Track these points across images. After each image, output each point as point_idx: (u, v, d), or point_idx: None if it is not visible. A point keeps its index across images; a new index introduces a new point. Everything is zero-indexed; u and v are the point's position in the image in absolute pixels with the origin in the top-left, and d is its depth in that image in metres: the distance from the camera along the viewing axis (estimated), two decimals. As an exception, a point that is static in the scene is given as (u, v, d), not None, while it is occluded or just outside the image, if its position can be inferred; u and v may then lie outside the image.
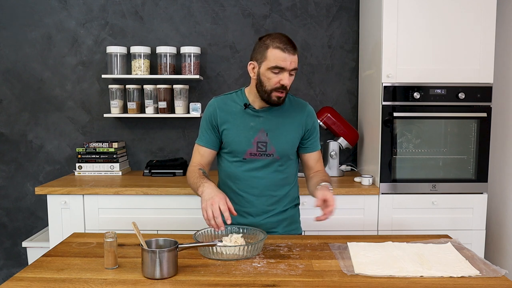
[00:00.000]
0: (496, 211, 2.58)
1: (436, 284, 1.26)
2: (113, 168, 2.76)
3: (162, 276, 1.28)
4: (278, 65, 1.58)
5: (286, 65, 1.58)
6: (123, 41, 2.89)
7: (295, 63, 1.61)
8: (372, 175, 2.46)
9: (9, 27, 2.89)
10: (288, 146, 1.74)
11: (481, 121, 2.37)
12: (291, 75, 1.62)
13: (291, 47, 1.58)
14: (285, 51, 1.57)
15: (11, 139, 2.96)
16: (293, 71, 1.62)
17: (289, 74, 1.61)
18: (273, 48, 1.58)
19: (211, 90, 2.92)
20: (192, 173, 1.71)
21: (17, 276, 1.30)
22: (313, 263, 1.41)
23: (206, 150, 1.76)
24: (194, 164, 1.76)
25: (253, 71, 1.67)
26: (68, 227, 2.35)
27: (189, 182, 1.72)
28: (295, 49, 1.61)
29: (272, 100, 1.64)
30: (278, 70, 1.59)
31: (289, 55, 1.58)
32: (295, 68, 1.62)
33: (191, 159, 1.81)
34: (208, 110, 1.76)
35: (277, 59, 1.58)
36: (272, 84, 1.61)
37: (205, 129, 1.76)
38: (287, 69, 1.59)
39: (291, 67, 1.60)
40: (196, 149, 1.79)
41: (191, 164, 1.78)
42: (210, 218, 1.46)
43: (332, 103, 2.93)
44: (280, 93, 1.63)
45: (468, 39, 2.32)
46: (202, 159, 1.77)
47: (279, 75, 1.60)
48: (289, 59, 1.58)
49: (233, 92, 1.79)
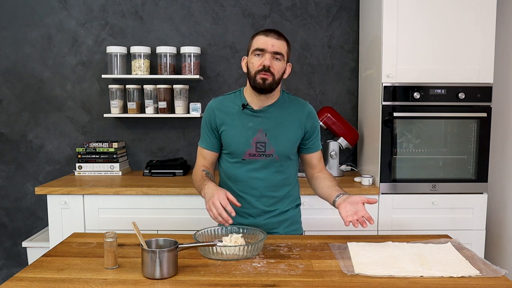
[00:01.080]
0: (496, 211, 2.58)
1: (436, 284, 1.26)
2: (113, 168, 2.76)
3: (162, 276, 1.28)
4: (258, 46, 1.62)
5: (267, 46, 1.61)
6: (123, 41, 2.89)
7: (279, 47, 1.63)
8: (372, 175, 2.46)
9: (9, 27, 2.89)
10: (287, 146, 1.73)
11: (481, 121, 2.37)
12: (276, 59, 1.63)
13: (274, 33, 1.63)
14: (267, 35, 1.63)
15: (11, 139, 2.96)
16: (278, 55, 1.63)
17: (273, 57, 1.63)
18: (257, 35, 1.66)
19: (211, 90, 2.92)
20: (196, 176, 1.73)
21: (17, 276, 1.30)
22: (313, 263, 1.41)
23: (208, 152, 1.78)
24: (198, 166, 1.78)
25: (245, 65, 1.71)
26: (68, 227, 2.35)
27: (195, 186, 1.75)
28: (281, 35, 1.65)
29: (257, 83, 1.63)
30: (259, 52, 1.62)
31: (271, 38, 1.62)
32: (279, 52, 1.63)
33: (196, 162, 1.83)
34: (207, 113, 1.77)
35: (258, 42, 1.63)
36: (256, 66, 1.63)
37: (205, 131, 1.77)
38: (268, 51, 1.61)
39: (272, 50, 1.62)
40: (199, 151, 1.81)
41: (195, 166, 1.80)
42: (216, 216, 1.48)
43: (332, 103, 2.93)
44: (264, 75, 1.62)
45: (468, 39, 2.32)
46: (205, 161, 1.79)
47: (261, 58, 1.63)
48: (270, 42, 1.62)
49: (232, 92, 1.79)
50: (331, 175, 1.80)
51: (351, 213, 1.53)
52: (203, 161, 1.79)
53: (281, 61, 1.65)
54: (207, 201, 1.52)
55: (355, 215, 1.52)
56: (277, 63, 1.64)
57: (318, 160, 1.82)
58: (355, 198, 1.56)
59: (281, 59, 1.65)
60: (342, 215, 1.55)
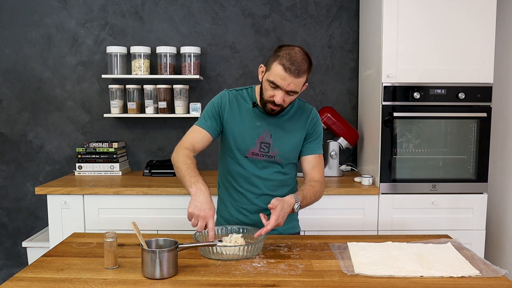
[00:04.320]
0: (496, 211, 2.58)
1: (436, 284, 1.26)
2: (113, 168, 2.76)
3: (162, 276, 1.28)
4: (275, 81, 1.56)
5: (283, 84, 1.55)
6: (123, 41, 2.89)
7: (295, 86, 1.56)
8: (372, 175, 2.46)
9: (9, 27, 2.89)
10: (290, 150, 1.74)
11: (481, 121, 2.37)
12: (289, 95, 1.59)
13: (295, 69, 1.53)
14: (287, 71, 1.53)
15: (11, 139, 2.96)
16: (292, 93, 1.59)
17: (286, 93, 1.58)
18: (278, 63, 1.54)
19: (211, 90, 2.92)
20: (185, 158, 1.60)
21: (17, 276, 1.30)
22: (313, 263, 1.41)
23: (206, 134, 1.70)
24: (187, 145, 1.67)
25: (261, 75, 1.67)
26: (68, 227, 2.35)
27: (178, 166, 1.60)
28: (302, 72, 1.55)
29: (266, 109, 1.64)
30: (274, 86, 1.57)
31: (290, 76, 1.53)
32: (294, 90, 1.58)
33: (182, 139, 1.72)
34: (222, 100, 1.73)
35: (276, 75, 1.55)
36: (267, 96, 1.61)
37: (211, 115, 1.72)
38: (283, 89, 1.57)
39: (288, 88, 1.56)
40: (195, 130, 1.72)
41: (182, 144, 1.68)
42: (193, 226, 1.46)
43: (332, 103, 2.93)
44: (273, 106, 1.62)
45: (468, 39, 2.32)
46: (196, 144, 1.69)
47: (274, 90, 1.59)
48: (289, 80, 1.54)
49: (244, 88, 1.78)
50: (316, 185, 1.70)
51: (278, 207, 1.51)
52: (193, 141, 1.68)
53: (294, 96, 1.61)
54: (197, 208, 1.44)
55: (276, 212, 1.50)
56: (289, 97, 1.61)
57: (312, 167, 1.75)
58: (277, 209, 1.51)
59: (295, 94, 1.61)
60: (272, 200, 1.53)
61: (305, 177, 1.78)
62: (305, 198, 1.63)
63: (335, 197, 2.36)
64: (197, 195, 1.48)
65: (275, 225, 1.49)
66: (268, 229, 1.48)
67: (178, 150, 1.67)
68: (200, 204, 1.45)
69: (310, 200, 1.67)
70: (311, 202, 1.69)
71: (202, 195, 1.47)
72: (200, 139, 1.70)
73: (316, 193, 1.70)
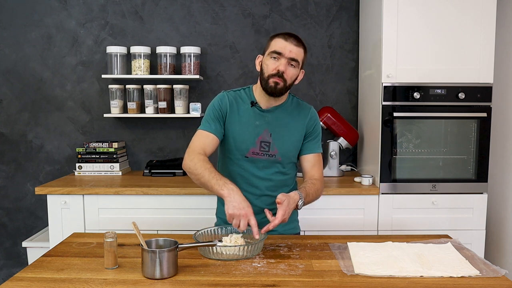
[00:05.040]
0: (496, 211, 2.58)
1: (436, 284, 1.26)
2: (113, 168, 2.76)
3: (162, 276, 1.28)
4: (276, 49, 1.62)
5: (285, 51, 1.61)
6: (123, 41, 2.89)
7: (296, 54, 1.62)
8: (372, 175, 2.46)
9: (9, 27, 2.89)
10: (290, 149, 1.74)
11: (481, 121, 2.37)
12: (291, 65, 1.63)
13: (294, 39, 1.62)
14: (287, 40, 1.62)
15: (11, 139, 2.96)
16: (294, 62, 1.63)
17: (288, 63, 1.62)
18: (276, 37, 1.64)
19: (211, 90, 2.92)
20: (203, 163, 1.59)
21: (17, 276, 1.30)
22: (313, 263, 1.41)
23: (214, 138, 1.69)
24: (199, 150, 1.64)
25: (258, 64, 1.70)
26: (68, 227, 2.35)
27: (198, 172, 1.58)
28: (300, 42, 1.64)
29: (269, 86, 1.63)
30: (276, 55, 1.62)
31: (290, 44, 1.61)
32: (295, 59, 1.62)
33: (190, 145, 1.69)
34: (222, 102, 1.73)
35: (277, 44, 1.62)
36: (270, 70, 1.63)
37: (214, 117, 1.71)
38: (285, 56, 1.61)
39: (290, 56, 1.61)
40: (202, 134, 1.69)
41: (193, 150, 1.65)
42: (235, 226, 1.48)
43: (332, 103, 2.93)
44: (277, 79, 1.62)
45: (468, 39, 2.32)
46: (206, 148, 1.67)
47: (276, 62, 1.62)
48: (289, 47, 1.61)
49: (241, 88, 1.79)
50: (316, 183, 1.72)
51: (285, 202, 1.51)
52: (203, 146, 1.66)
53: (295, 68, 1.65)
54: (236, 209, 1.45)
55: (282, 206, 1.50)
56: (292, 69, 1.64)
57: (312, 166, 1.77)
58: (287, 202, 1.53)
59: (296, 66, 1.65)
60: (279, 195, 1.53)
61: (304, 176, 1.79)
62: (308, 195, 1.64)
63: (335, 197, 2.36)
64: (231, 196, 1.49)
65: (281, 220, 1.49)
66: (275, 224, 1.48)
67: (192, 156, 1.64)
68: (238, 204, 1.47)
69: (312, 198, 1.68)
70: (313, 199, 1.70)
71: (237, 194, 1.49)
72: (209, 142, 1.68)
73: (317, 191, 1.71)
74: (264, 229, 1.49)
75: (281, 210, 1.49)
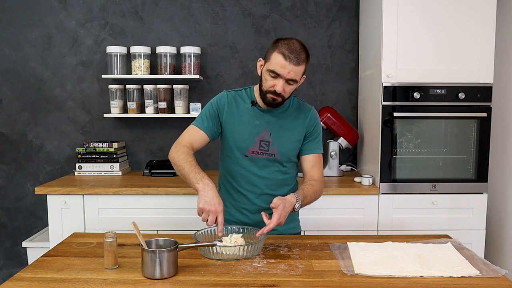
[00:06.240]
0: (496, 211, 2.58)
1: (436, 284, 1.26)
2: (113, 168, 2.76)
3: (162, 276, 1.28)
4: (275, 70, 1.58)
5: (283, 72, 1.57)
6: (123, 41, 2.89)
7: (295, 74, 1.58)
8: (372, 175, 2.46)
9: (9, 27, 2.89)
10: (290, 148, 1.74)
11: (481, 121, 2.37)
12: (289, 84, 1.61)
13: (295, 57, 1.55)
14: (287, 59, 1.55)
15: (11, 139, 2.96)
16: (292, 82, 1.60)
17: (286, 82, 1.59)
18: (278, 53, 1.57)
19: (211, 90, 2.92)
20: (186, 156, 1.61)
21: (17, 276, 1.30)
22: (313, 263, 1.41)
23: (203, 135, 1.71)
24: (185, 143, 1.68)
25: (260, 68, 1.69)
26: (68, 227, 2.35)
27: (179, 163, 1.61)
28: (301, 60, 1.57)
29: (267, 100, 1.64)
30: (274, 75, 1.59)
31: (290, 64, 1.55)
32: (294, 79, 1.59)
33: (180, 137, 1.73)
34: (220, 101, 1.74)
35: (276, 64, 1.57)
36: (267, 86, 1.62)
37: (208, 115, 1.73)
38: (283, 77, 1.58)
39: (288, 76, 1.58)
40: (192, 129, 1.72)
41: (180, 143, 1.69)
42: (204, 221, 1.49)
43: (332, 103, 2.93)
44: (274, 96, 1.62)
45: (468, 39, 2.32)
46: (194, 143, 1.70)
47: (274, 80, 1.60)
48: (288, 68, 1.56)
49: (243, 89, 1.79)
50: (315, 184, 1.71)
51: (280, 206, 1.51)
52: (192, 141, 1.69)
53: (293, 85, 1.63)
54: (207, 204, 1.48)
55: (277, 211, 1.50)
56: (290, 86, 1.62)
57: (312, 166, 1.77)
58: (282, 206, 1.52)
59: (294, 83, 1.62)
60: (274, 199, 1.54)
61: (304, 176, 1.79)
62: (306, 197, 1.64)
63: (335, 197, 2.36)
64: (205, 191, 1.50)
65: (277, 224, 1.49)
66: (270, 228, 1.48)
67: (177, 148, 1.67)
68: (210, 199, 1.48)
69: (310, 199, 1.68)
70: (311, 201, 1.70)
71: (210, 190, 1.50)
72: (197, 138, 1.71)
73: (316, 192, 1.70)
74: (259, 233, 1.49)
75: (277, 214, 1.50)
